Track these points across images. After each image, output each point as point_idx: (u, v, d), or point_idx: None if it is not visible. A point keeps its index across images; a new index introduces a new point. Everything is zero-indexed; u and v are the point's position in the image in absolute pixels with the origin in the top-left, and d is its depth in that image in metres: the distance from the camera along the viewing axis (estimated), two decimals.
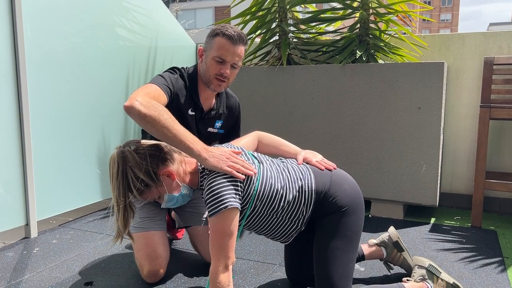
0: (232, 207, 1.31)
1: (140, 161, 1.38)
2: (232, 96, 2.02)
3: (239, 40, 1.73)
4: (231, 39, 1.72)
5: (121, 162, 1.37)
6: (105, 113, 2.71)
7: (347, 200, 1.45)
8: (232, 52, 1.73)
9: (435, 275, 1.61)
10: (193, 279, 1.82)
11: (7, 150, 2.17)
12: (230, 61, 1.75)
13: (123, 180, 1.37)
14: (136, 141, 1.45)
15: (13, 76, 2.17)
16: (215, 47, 1.74)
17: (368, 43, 2.81)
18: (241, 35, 1.74)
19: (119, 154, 1.38)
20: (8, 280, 1.81)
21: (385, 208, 2.67)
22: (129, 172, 1.37)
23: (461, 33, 2.86)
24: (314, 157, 1.59)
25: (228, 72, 1.76)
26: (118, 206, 1.38)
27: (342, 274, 1.41)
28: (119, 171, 1.37)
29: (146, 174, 1.38)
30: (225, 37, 1.72)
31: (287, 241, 1.56)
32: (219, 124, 1.97)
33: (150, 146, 1.43)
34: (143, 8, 2.95)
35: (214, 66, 1.76)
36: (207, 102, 1.90)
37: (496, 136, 2.83)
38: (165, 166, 1.42)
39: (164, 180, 1.42)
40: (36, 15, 2.25)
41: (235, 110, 2.02)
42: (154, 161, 1.40)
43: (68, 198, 2.53)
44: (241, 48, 1.76)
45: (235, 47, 1.73)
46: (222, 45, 1.72)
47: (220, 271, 1.31)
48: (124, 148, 1.40)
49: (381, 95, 2.59)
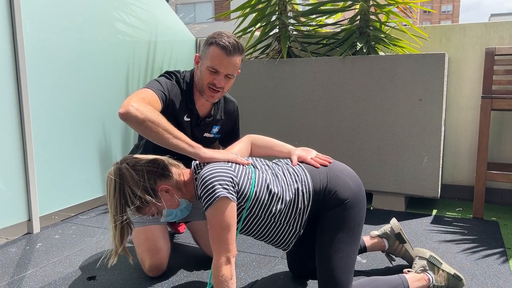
0: (223, 196, 1.30)
1: (138, 178, 1.36)
2: (231, 101, 1.98)
3: (234, 50, 1.66)
4: (225, 50, 1.65)
5: (118, 179, 1.35)
6: (105, 108, 2.71)
7: (347, 193, 1.45)
8: (226, 63, 1.67)
9: (436, 266, 1.61)
10: (195, 272, 1.83)
11: (8, 146, 2.18)
12: (224, 72, 1.69)
13: (120, 198, 1.35)
14: (133, 157, 1.43)
15: (13, 71, 2.17)
16: (209, 57, 1.69)
17: (368, 35, 2.80)
18: (237, 45, 1.67)
19: (116, 172, 1.36)
20: (11, 275, 1.82)
21: (387, 200, 2.67)
22: (127, 189, 1.35)
23: (462, 23, 2.84)
24: (308, 155, 1.57)
25: (221, 83, 1.71)
26: (115, 223, 1.35)
27: (344, 266, 1.41)
28: (116, 189, 1.34)
29: (144, 191, 1.36)
30: (219, 47, 1.65)
31: (286, 248, 1.54)
32: (216, 129, 1.94)
33: (148, 162, 1.41)
34: (142, 2, 2.94)
35: (207, 76, 1.71)
36: (204, 108, 1.86)
37: (498, 127, 2.82)
38: (163, 181, 1.41)
39: (163, 196, 1.41)
40: (35, 10, 2.25)
41: (233, 114, 1.99)
42: (152, 177, 1.39)
43: (70, 193, 2.53)
44: (236, 59, 1.69)
45: (229, 57, 1.67)
46: (216, 55, 1.67)
47: (222, 264, 1.31)
48: (121, 165, 1.38)
49: (382, 87, 2.58)
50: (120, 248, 1.39)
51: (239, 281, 1.73)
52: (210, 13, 28.50)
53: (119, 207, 1.35)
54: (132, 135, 2.94)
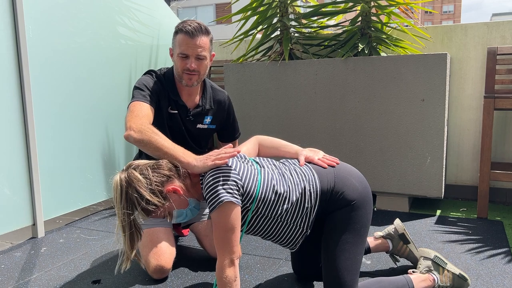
0: (228, 201, 1.31)
1: (145, 181, 1.37)
2: (220, 91, 2.05)
3: (197, 32, 1.77)
4: (189, 34, 1.76)
5: (125, 185, 1.35)
6: (108, 112, 2.72)
7: (354, 194, 1.45)
8: (192, 46, 1.77)
9: (441, 267, 1.61)
10: (200, 275, 1.83)
11: (12, 151, 2.19)
12: (192, 54, 1.78)
13: (127, 203, 1.35)
14: (138, 162, 1.44)
15: (17, 77, 2.18)
16: (177, 44, 1.80)
17: (370, 36, 2.80)
18: (200, 26, 1.78)
19: (122, 177, 1.36)
20: (16, 279, 1.83)
21: (391, 201, 2.67)
22: (134, 194, 1.35)
23: (464, 23, 2.84)
24: (315, 155, 1.57)
25: (193, 65, 1.79)
26: (123, 229, 1.36)
27: (350, 267, 1.41)
28: (123, 195, 1.35)
29: (151, 194, 1.37)
30: (183, 32, 1.77)
31: (294, 247, 1.54)
32: (209, 119, 2.00)
33: (153, 165, 1.43)
34: (144, 6, 2.96)
35: (180, 63, 1.81)
36: (191, 99, 1.94)
37: (501, 127, 2.81)
38: (170, 182, 1.42)
39: (171, 197, 1.42)
40: (37, 15, 2.26)
41: (224, 104, 2.04)
42: (159, 179, 1.39)
43: (74, 197, 2.54)
44: (202, 39, 1.78)
45: (194, 40, 1.77)
46: (182, 41, 1.78)
47: (226, 266, 1.31)
48: (127, 170, 1.38)
49: (384, 87, 2.58)
50: (132, 254, 1.39)
51: (244, 283, 1.73)
52: (211, 16, 28.58)
53: (127, 212, 1.35)
54: None
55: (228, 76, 3.00)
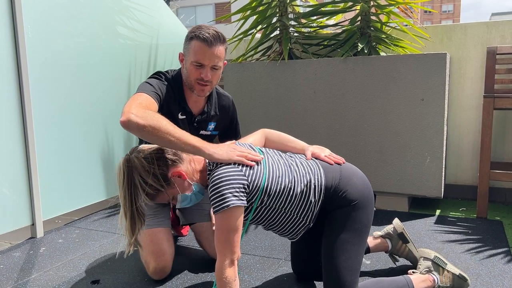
0: (235, 205, 1.31)
1: (148, 165, 1.36)
2: (225, 96, 1.96)
3: (215, 41, 1.66)
4: (207, 42, 1.65)
5: (129, 169, 1.35)
6: (107, 112, 2.71)
7: (357, 194, 1.45)
8: (209, 55, 1.67)
9: (441, 267, 1.61)
10: (199, 275, 1.83)
11: (11, 151, 2.18)
12: (209, 64, 1.69)
13: (130, 187, 1.35)
14: (142, 146, 1.43)
15: (15, 77, 2.18)
16: (192, 52, 1.69)
17: (369, 35, 2.80)
18: (218, 35, 1.67)
19: (125, 162, 1.36)
20: (15, 279, 1.82)
21: (390, 201, 2.67)
22: (137, 178, 1.35)
23: (463, 23, 2.84)
24: (322, 152, 1.57)
25: (209, 75, 1.70)
26: (125, 214, 1.36)
27: (350, 266, 1.41)
28: (125, 179, 1.35)
29: (155, 178, 1.37)
30: (200, 40, 1.66)
31: (295, 238, 1.55)
32: (212, 126, 1.93)
33: (157, 149, 1.42)
34: (143, 6, 2.95)
35: (193, 71, 1.71)
36: (196, 105, 1.86)
37: (500, 126, 2.81)
38: (175, 166, 1.41)
39: (176, 181, 1.41)
40: (37, 15, 2.25)
41: (228, 109, 1.97)
42: (163, 163, 1.39)
43: (73, 197, 2.54)
44: (219, 49, 1.68)
45: (211, 49, 1.66)
46: (198, 49, 1.67)
47: (226, 266, 1.31)
48: (131, 155, 1.38)
49: (384, 87, 2.58)
50: (133, 239, 1.39)
51: (243, 283, 1.73)
52: (211, 15, 28.56)
53: (128, 196, 1.35)
54: (134, 138, 2.94)
55: (227, 76, 2.99)
